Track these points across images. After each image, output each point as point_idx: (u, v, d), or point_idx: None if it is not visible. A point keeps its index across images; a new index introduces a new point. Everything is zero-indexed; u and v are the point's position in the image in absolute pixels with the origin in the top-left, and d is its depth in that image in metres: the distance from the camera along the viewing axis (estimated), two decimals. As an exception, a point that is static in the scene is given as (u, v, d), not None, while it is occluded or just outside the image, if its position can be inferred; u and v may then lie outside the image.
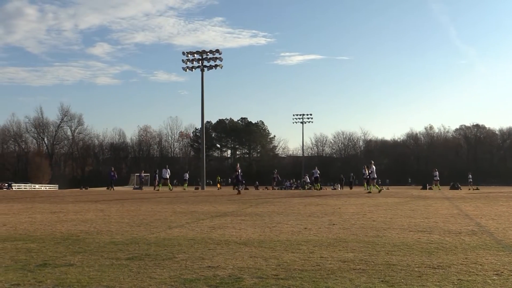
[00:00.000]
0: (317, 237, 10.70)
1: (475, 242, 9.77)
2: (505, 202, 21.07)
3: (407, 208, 18.32)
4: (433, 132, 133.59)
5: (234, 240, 10.31)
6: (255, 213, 16.94)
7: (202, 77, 60.19)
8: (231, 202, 22.56)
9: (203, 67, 60.22)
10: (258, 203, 21.77)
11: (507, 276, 6.76)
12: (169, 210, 18.53)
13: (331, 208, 18.78)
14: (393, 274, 6.92)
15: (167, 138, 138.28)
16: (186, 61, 60.52)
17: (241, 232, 11.66)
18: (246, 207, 19.49)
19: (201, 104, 60.29)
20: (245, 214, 16.62)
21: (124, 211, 18.32)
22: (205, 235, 11.16)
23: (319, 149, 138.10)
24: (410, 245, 9.47)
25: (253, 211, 17.85)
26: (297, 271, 7.15)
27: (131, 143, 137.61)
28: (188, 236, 11.00)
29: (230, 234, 11.30)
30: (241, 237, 10.87)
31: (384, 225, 12.91)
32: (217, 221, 14.36)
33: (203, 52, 60.66)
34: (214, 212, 17.51)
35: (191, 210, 18.21)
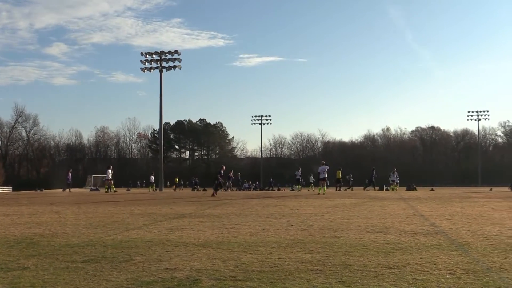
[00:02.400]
0: (275, 238, 10.73)
1: (429, 242, 9.93)
2: (459, 203, 21.48)
3: (364, 209, 18.51)
4: (390, 133, 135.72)
5: (192, 242, 10.26)
6: (214, 214, 16.89)
7: (161, 78, 59.88)
8: (189, 204, 22.45)
9: (162, 68, 59.87)
10: (216, 205, 21.71)
11: (460, 275, 6.90)
12: (127, 212, 18.34)
13: (289, 209, 18.84)
14: (350, 274, 6.99)
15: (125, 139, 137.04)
16: (144, 62, 60.09)
17: (199, 234, 11.61)
18: (204, 209, 19.41)
19: (160, 105, 59.96)
20: (203, 215, 16.56)
21: (81, 213, 18.05)
22: (163, 237, 11.08)
23: (278, 150, 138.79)
24: (367, 245, 9.57)
25: (212, 212, 17.79)
26: (255, 273, 7.16)
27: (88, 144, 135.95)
28: (146, 238, 10.91)
29: (188, 236, 11.24)
30: (199, 238, 10.83)
31: (341, 226, 13.01)
32: (175, 222, 14.27)
33: (161, 53, 60.31)
34: (172, 213, 17.40)
35: (149, 212, 18.06)
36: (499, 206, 19.43)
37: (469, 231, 11.74)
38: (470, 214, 16.25)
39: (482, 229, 11.99)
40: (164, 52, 60.37)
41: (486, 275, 6.86)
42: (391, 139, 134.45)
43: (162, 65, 59.86)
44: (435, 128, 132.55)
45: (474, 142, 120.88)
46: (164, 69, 59.89)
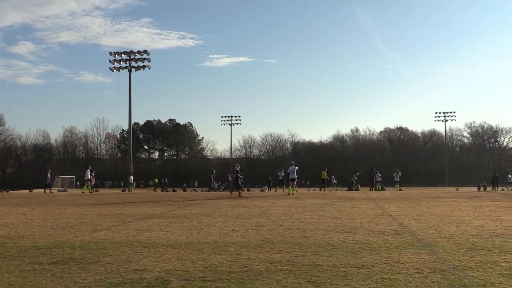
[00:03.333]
0: (245, 239, 10.74)
1: (397, 242, 10.04)
2: (426, 203, 21.74)
3: (333, 209, 18.63)
4: (359, 134, 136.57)
5: (161, 243, 10.21)
6: (183, 215, 16.83)
7: (130, 78, 59.42)
8: (158, 205, 22.32)
9: (131, 67, 59.42)
10: (186, 205, 21.63)
11: (427, 274, 6.99)
12: (95, 212, 18.16)
13: (258, 209, 18.87)
14: (319, 274, 7.03)
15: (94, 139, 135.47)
16: (113, 61, 59.56)
17: (169, 235, 11.56)
18: (173, 209, 19.33)
19: (129, 105, 59.49)
20: (173, 216, 16.49)
21: (48, 214, 17.82)
22: (132, 238, 11.01)
23: (247, 150, 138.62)
24: (336, 245, 9.64)
25: (181, 213, 17.72)
26: (225, 273, 7.15)
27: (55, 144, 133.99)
28: (114, 239, 10.82)
29: (157, 237, 11.19)
30: (169, 239, 10.78)
31: (310, 226, 13.08)
32: (144, 223, 14.18)
33: (130, 52, 59.86)
34: (141, 214, 17.29)
35: (118, 213, 17.91)
36: (465, 206, 19.73)
37: (436, 230, 11.90)
38: (437, 214, 16.47)
39: (448, 229, 12.17)
40: (133, 52, 59.91)
41: (452, 274, 6.97)
42: (360, 140, 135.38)
43: (131, 65, 59.40)
44: (403, 129, 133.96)
45: (441, 143, 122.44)
46: (133, 69, 59.44)
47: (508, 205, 19.88)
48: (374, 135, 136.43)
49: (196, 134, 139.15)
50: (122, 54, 59.77)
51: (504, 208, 18.73)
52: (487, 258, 8.13)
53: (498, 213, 16.71)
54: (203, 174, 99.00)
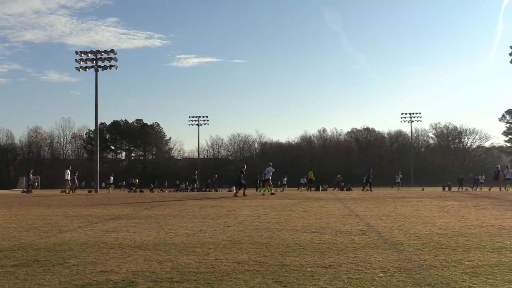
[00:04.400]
0: (212, 239, 10.72)
1: (364, 242, 10.13)
2: (392, 203, 21.96)
3: (300, 210, 18.70)
4: (326, 134, 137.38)
5: (128, 244, 10.13)
6: (150, 215, 16.73)
7: (96, 77, 58.76)
8: (125, 205, 22.14)
9: (97, 67, 58.77)
10: (153, 206, 21.50)
11: (393, 273, 7.07)
12: (60, 214, 17.93)
13: (226, 210, 18.85)
14: (286, 274, 7.05)
15: (59, 139, 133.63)
16: (79, 61, 58.84)
17: (136, 235, 11.48)
18: (141, 210, 19.20)
19: (95, 105, 58.85)
20: (140, 217, 16.38)
21: (11, 215, 17.53)
22: (98, 239, 10.90)
23: (215, 151, 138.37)
24: (303, 245, 9.68)
25: (148, 213, 17.61)
26: (192, 274, 7.13)
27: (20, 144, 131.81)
28: (80, 241, 10.70)
29: (124, 238, 11.10)
30: (135, 240, 10.71)
31: (278, 226, 13.11)
32: (111, 224, 14.05)
33: (97, 52, 59.22)
34: (108, 215, 17.12)
35: (84, 214, 17.72)
36: (430, 206, 19.99)
37: (402, 230, 12.04)
38: (403, 213, 16.66)
39: (414, 228, 12.32)
40: (99, 51, 59.28)
41: (418, 273, 7.06)
42: (327, 140, 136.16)
43: (97, 64, 58.76)
44: (370, 129, 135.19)
45: (407, 143, 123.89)
46: (99, 69, 58.79)
47: (472, 205, 20.21)
48: (341, 135, 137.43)
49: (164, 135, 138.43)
50: (89, 54, 59.06)
51: (468, 207, 19.03)
52: (451, 257, 8.26)
53: (462, 212, 16.97)
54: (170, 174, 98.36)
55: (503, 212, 16.81)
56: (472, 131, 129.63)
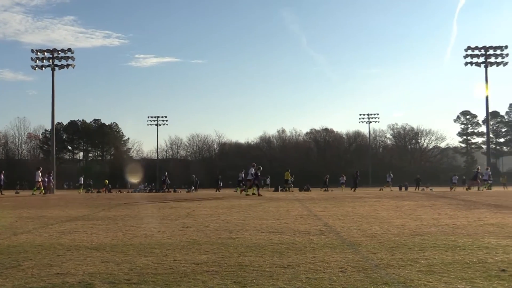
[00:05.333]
0: (171, 240, 10.66)
1: (322, 242, 10.21)
2: (351, 203, 22.20)
3: (259, 210, 18.74)
4: (285, 135, 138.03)
5: (85, 245, 10.00)
6: (108, 216, 16.54)
7: (53, 76, 57.75)
8: (82, 206, 21.84)
9: (54, 66, 57.79)
10: (111, 207, 21.26)
11: (351, 272, 7.14)
12: (15, 215, 17.58)
13: (185, 210, 18.77)
14: (245, 275, 7.06)
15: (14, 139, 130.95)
16: (35, 59, 57.73)
17: (93, 237, 11.34)
18: (98, 211, 18.97)
19: (52, 105, 57.83)
20: (97, 218, 16.18)
21: (-36, 217, 17.12)
22: (54, 241, 10.72)
23: (174, 151, 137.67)
24: (262, 246, 9.70)
25: (106, 215, 17.41)
26: (150, 275, 7.08)
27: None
28: (35, 243, 10.50)
29: (81, 239, 10.95)
30: (93, 241, 10.57)
31: (237, 226, 13.12)
32: (68, 226, 13.84)
33: (54, 50, 58.22)
34: (64, 216, 16.86)
35: (39, 215, 17.40)
36: (388, 206, 20.27)
37: (359, 230, 12.17)
38: (361, 213, 16.85)
39: (371, 228, 12.47)
40: (56, 50, 58.32)
41: (375, 272, 7.15)
42: (286, 141, 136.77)
43: (54, 63, 57.78)
44: (328, 130, 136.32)
45: (365, 144, 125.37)
46: (56, 68, 57.85)
47: (428, 204, 20.56)
48: (300, 136, 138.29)
49: (122, 135, 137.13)
50: (45, 52, 58.02)
51: (424, 207, 19.36)
52: (408, 256, 8.38)
53: (418, 212, 17.25)
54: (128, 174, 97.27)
55: (458, 212, 17.15)
56: (428, 132, 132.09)
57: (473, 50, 67.11)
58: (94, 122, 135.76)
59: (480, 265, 7.59)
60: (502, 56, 66.77)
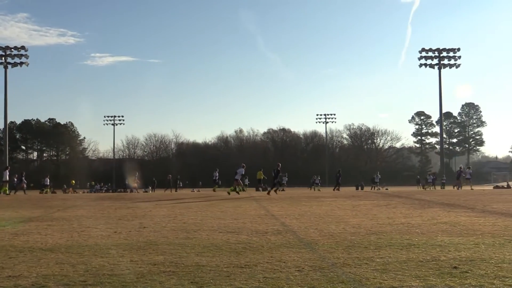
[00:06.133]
0: (127, 241, 10.56)
1: (279, 241, 10.25)
2: (307, 203, 22.34)
3: (217, 210, 18.71)
4: (243, 135, 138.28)
5: (39, 247, 9.81)
6: (63, 217, 16.27)
7: (6, 74, 56.71)
8: (37, 207, 21.44)
9: (7, 64, 56.67)
10: (66, 207, 20.93)
11: (307, 271, 7.19)
12: (-34, 216, 17.15)
13: (142, 211, 18.61)
14: (202, 275, 7.04)
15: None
16: (-13, 56, 56.56)
17: (47, 238, 11.14)
18: (53, 212, 18.65)
19: (4, 104, 56.73)
20: (52, 219, 15.90)
21: None
22: (6, 243, 10.49)
23: (131, 151, 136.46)
24: (219, 246, 9.68)
25: (61, 215, 17.13)
26: (106, 276, 6.99)
27: None
28: (-13, 244, 10.27)
29: (34, 241, 10.74)
30: (47, 243, 10.38)
31: (194, 226, 13.07)
32: (21, 227, 13.55)
33: (6, 48, 57.06)
34: (17, 217, 16.51)
35: (-9, 216, 17.01)
36: (344, 205, 20.47)
37: (316, 229, 12.26)
38: (318, 213, 16.97)
39: (328, 227, 12.57)
40: (9, 47, 57.15)
41: (331, 271, 7.21)
42: (244, 141, 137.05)
43: (7, 61, 56.67)
44: (286, 130, 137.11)
45: (322, 144, 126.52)
46: (9, 65, 56.74)
47: (383, 204, 20.85)
48: (257, 136, 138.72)
49: (78, 134, 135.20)
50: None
51: (380, 206, 19.62)
52: (363, 255, 8.48)
53: (374, 211, 17.47)
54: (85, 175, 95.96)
55: (412, 211, 17.44)
56: (384, 132, 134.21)
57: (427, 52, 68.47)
58: (48, 122, 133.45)
59: (433, 262, 7.73)
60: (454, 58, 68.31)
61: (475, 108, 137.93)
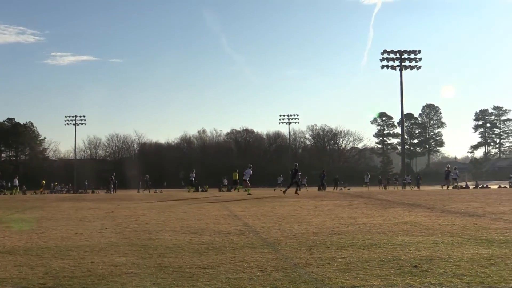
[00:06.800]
0: (89, 242, 10.43)
1: (242, 242, 10.24)
2: (270, 203, 22.39)
3: (179, 211, 18.62)
4: (206, 135, 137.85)
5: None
6: (22, 219, 16.00)
7: (-37, 73, 55.41)
8: (-6, 208, 21.03)
9: (-36, 62, 55.44)
10: (25, 208, 20.58)
11: (270, 271, 7.20)
12: None
13: (103, 212, 18.41)
14: (165, 276, 6.99)
15: None
16: None
17: (5, 240, 10.92)
18: (11, 213, 18.32)
19: (-39, 103, 55.46)
20: (11, 220, 15.62)
21: None
22: (-37, 245, 10.26)
23: (92, 151, 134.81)
24: (182, 246, 9.64)
25: (20, 217, 16.84)
26: (66, 279, 6.89)
27: None
28: None
29: (-8, 243, 10.53)
30: (5, 245, 10.19)
31: (157, 227, 12.98)
32: (-22, 229, 13.28)
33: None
34: (-25, 219, 16.17)
35: None
36: (307, 205, 20.57)
37: (279, 229, 12.29)
38: (281, 213, 17.02)
39: (291, 228, 12.62)
40: (-34, 45, 56.01)
41: (294, 271, 7.24)
42: (207, 141, 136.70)
43: (-36, 59, 55.48)
44: (249, 131, 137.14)
45: (285, 145, 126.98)
46: (-33, 64, 55.55)
47: (345, 204, 21.02)
48: (220, 136, 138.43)
49: (38, 134, 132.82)
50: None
51: (342, 206, 19.78)
52: (326, 255, 8.53)
53: (336, 211, 17.60)
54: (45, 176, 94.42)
55: (374, 211, 17.62)
56: (347, 133, 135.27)
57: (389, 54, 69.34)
58: (7, 121, 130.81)
59: (394, 262, 7.82)
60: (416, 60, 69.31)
61: (435, 109, 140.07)
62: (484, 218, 14.30)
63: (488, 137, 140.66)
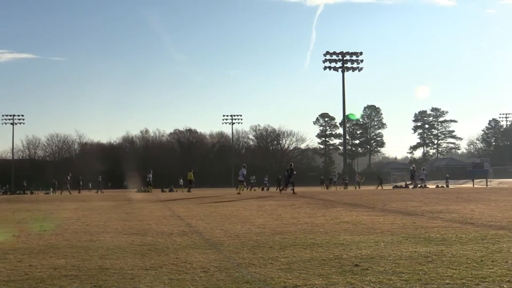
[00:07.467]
0: (26, 245, 10.17)
1: (185, 242, 10.19)
2: (213, 203, 22.38)
3: (121, 211, 18.39)
4: (149, 135, 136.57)
5: None
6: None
7: None
8: None
9: None
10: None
11: (213, 272, 7.18)
12: None
13: (43, 213, 18.00)
14: (106, 278, 6.88)
15: None
16: None
17: None
18: None
19: None
20: None
21: None
22: None
23: (31, 152, 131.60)
24: (123, 248, 9.52)
25: (-46, 219, 16.29)
26: (3, 283, 6.70)
27: None
28: None
29: None
30: None
31: (98, 229, 12.78)
32: None
33: None
34: None
35: None
36: (250, 206, 20.65)
37: (222, 230, 12.29)
38: (224, 213, 17.02)
39: (234, 228, 12.63)
40: None
41: (237, 271, 7.24)
42: (150, 141, 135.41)
43: None
44: (192, 131, 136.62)
45: (228, 145, 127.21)
46: None
47: (288, 204, 21.20)
48: (164, 136, 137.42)
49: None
50: None
51: (285, 206, 19.93)
52: (268, 255, 8.57)
53: (279, 211, 17.72)
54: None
55: (316, 210, 17.82)
56: (289, 134, 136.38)
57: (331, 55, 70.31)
58: None
59: (336, 261, 7.93)
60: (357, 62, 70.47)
61: (376, 111, 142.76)
62: (423, 217, 14.68)
63: (427, 138, 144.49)
